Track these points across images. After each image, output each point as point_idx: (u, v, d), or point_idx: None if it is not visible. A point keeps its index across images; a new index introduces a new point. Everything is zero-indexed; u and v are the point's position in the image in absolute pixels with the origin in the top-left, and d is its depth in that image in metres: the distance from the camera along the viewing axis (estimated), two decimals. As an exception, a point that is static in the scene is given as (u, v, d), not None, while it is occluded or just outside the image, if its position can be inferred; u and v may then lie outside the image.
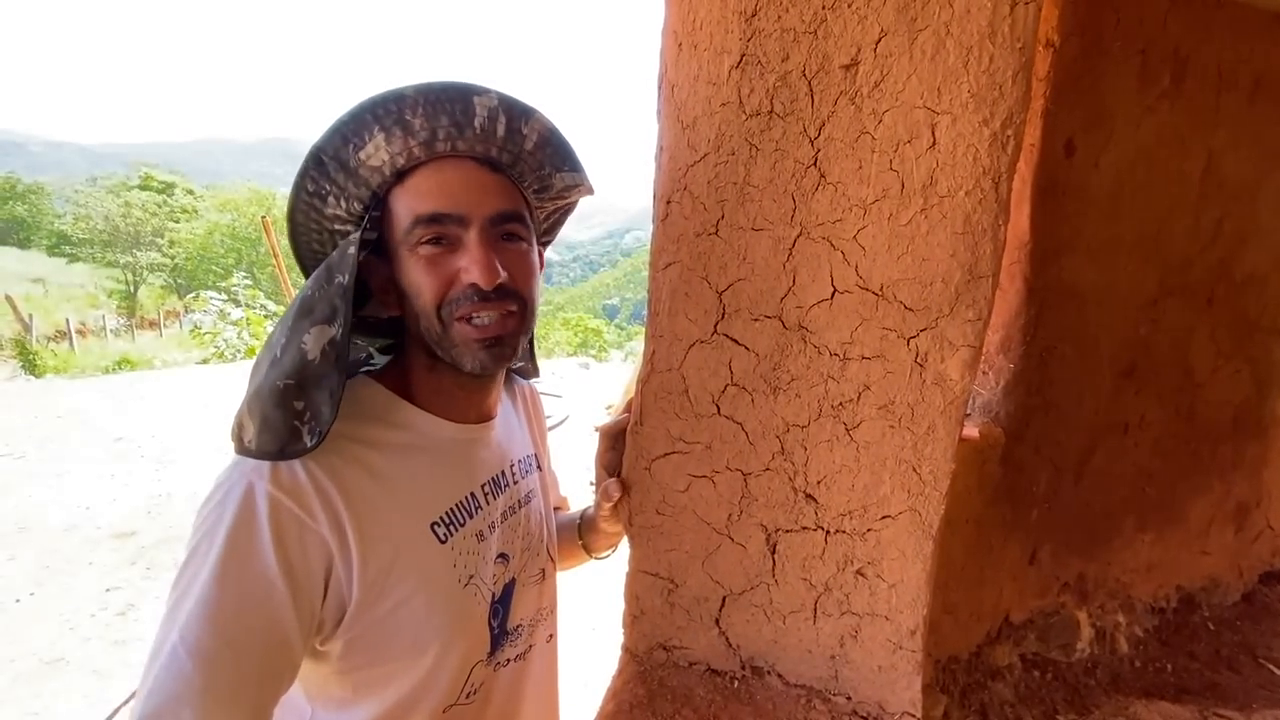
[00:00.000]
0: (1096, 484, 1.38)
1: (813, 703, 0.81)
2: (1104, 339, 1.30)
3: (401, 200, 0.71)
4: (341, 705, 0.74)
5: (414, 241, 0.70)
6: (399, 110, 0.67)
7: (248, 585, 0.61)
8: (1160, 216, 1.29)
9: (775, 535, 0.80)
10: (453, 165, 0.71)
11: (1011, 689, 1.29)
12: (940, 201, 0.67)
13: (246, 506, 0.63)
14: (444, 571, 0.75)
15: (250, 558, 0.62)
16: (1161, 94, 1.21)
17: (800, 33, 0.68)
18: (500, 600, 0.82)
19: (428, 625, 0.73)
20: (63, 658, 2.95)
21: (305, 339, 0.65)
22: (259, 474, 0.64)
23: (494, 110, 0.71)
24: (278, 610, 0.62)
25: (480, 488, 0.81)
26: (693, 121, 0.75)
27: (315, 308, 0.67)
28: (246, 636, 0.60)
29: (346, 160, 0.69)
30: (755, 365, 0.77)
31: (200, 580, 0.60)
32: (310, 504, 0.65)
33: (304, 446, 0.64)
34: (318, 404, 0.65)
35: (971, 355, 0.69)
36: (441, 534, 0.75)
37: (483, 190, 0.72)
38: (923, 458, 0.72)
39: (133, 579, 3.67)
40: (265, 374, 0.66)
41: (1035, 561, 1.35)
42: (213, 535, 0.62)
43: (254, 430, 0.64)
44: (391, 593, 0.70)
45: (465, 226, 0.71)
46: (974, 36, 0.63)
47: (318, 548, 0.65)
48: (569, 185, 0.81)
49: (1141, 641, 1.45)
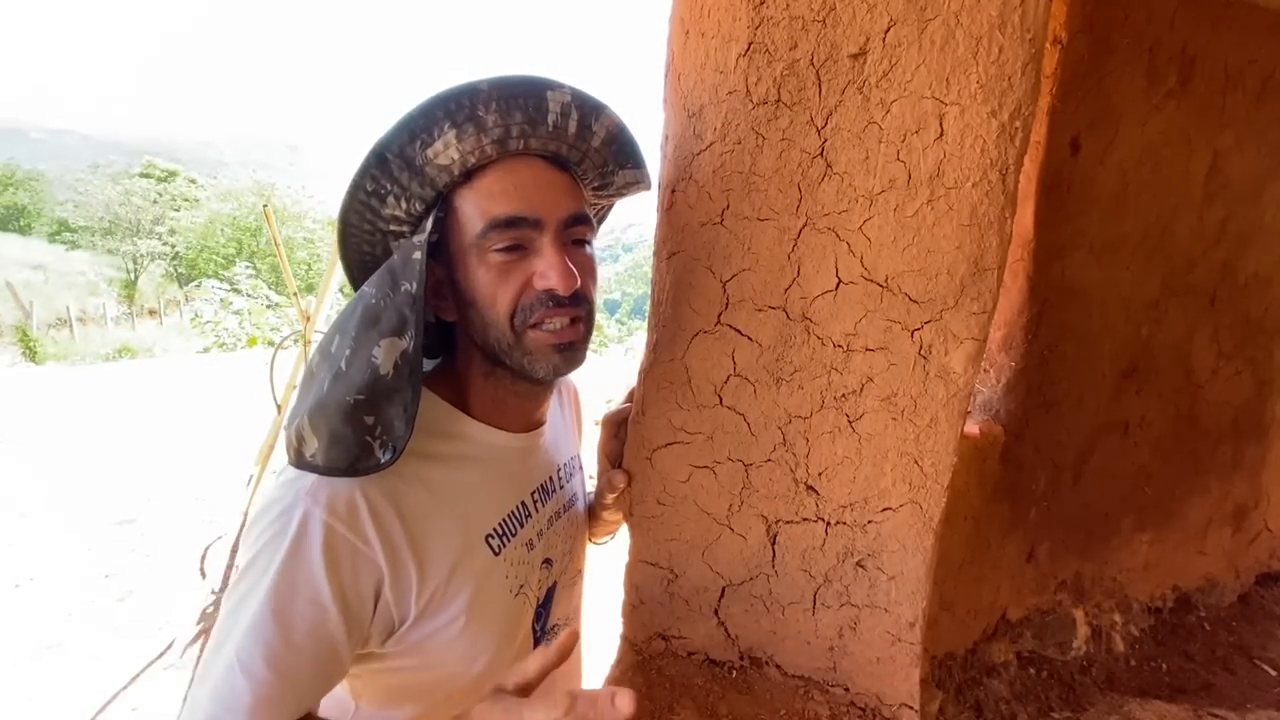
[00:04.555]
0: (1095, 483, 1.38)
1: (811, 693, 0.81)
2: (1106, 338, 1.30)
3: (470, 201, 0.68)
4: (384, 704, 0.75)
5: (488, 247, 0.67)
6: (472, 105, 0.64)
7: (300, 609, 0.62)
8: (1164, 216, 1.28)
9: (776, 526, 0.80)
10: (524, 164, 0.69)
11: (1007, 686, 1.29)
12: (947, 193, 0.67)
13: (302, 533, 0.62)
14: (498, 583, 0.74)
15: (303, 585, 0.62)
16: (1168, 93, 1.21)
17: (809, 21, 0.68)
18: (544, 604, 0.83)
19: (481, 637, 0.72)
20: (60, 643, 2.96)
21: (375, 352, 0.63)
22: (316, 500, 0.63)
23: (567, 106, 0.68)
24: (328, 631, 0.63)
25: (530, 495, 0.81)
26: (699, 110, 0.74)
27: (382, 317, 0.64)
28: (297, 658, 0.62)
29: (413, 158, 0.66)
30: (758, 356, 0.77)
31: (256, 599, 0.61)
32: (365, 531, 0.64)
33: (377, 462, 0.63)
34: (390, 419, 0.63)
35: (976, 348, 0.69)
36: (495, 545, 0.74)
37: (555, 191, 0.70)
38: (925, 450, 0.72)
39: (131, 565, 3.68)
40: (330, 387, 0.64)
41: (1033, 560, 1.35)
42: (269, 555, 0.62)
43: (319, 445, 0.63)
44: (448, 607, 0.70)
45: (540, 230, 0.68)
46: (983, 27, 0.63)
47: (370, 573, 0.65)
48: (629, 182, 0.79)
49: (1137, 641, 1.46)
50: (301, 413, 0.64)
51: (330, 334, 0.68)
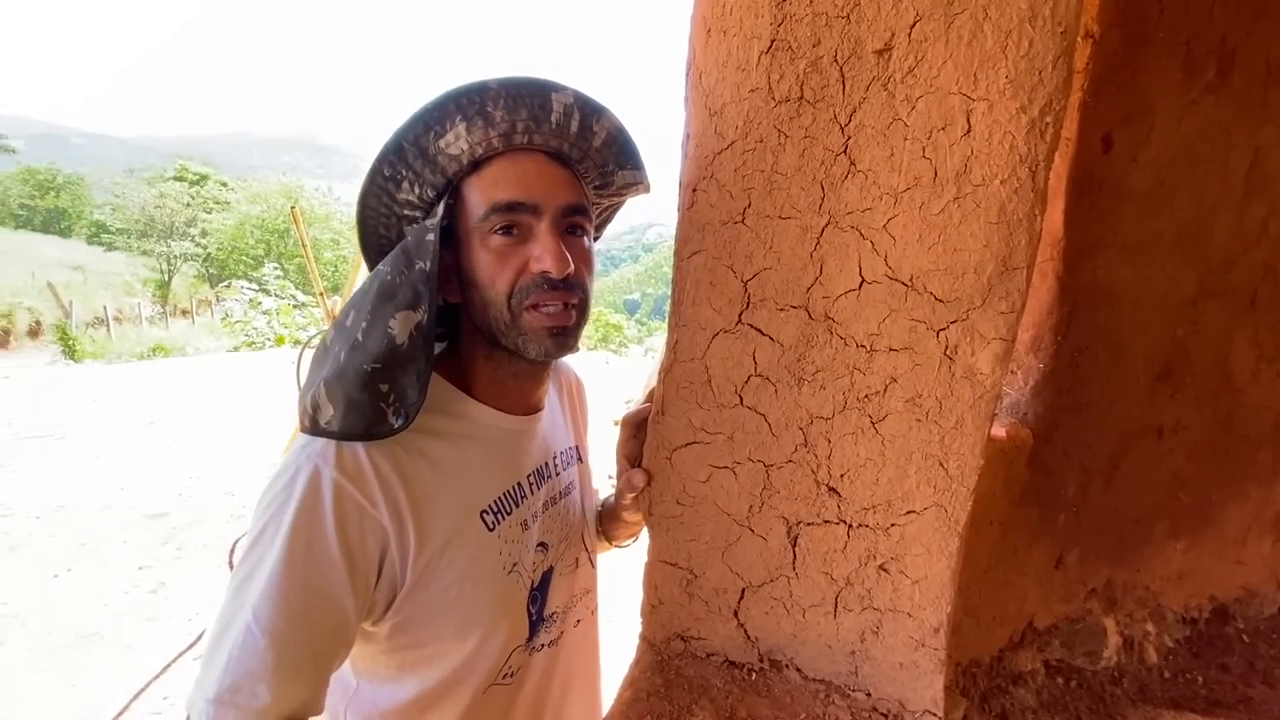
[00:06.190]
0: (1128, 489, 1.34)
1: (832, 698, 0.80)
2: (1139, 340, 1.26)
3: (476, 188, 0.73)
4: (386, 681, 0.77)
5: (488, 229, 0.73)
6: (481, 101, 0.70)
7: (313, 569, 0.65)
8: (1202, 214, 1.24)
9: (796, 528, 0.79)
10: (527, 157, 0.74)
11: (1034, 695, 1.26)
12: (974, 190, 0.65)
13: (312, 491, 0.65)
14: (491, 558, 0.77)
15: (315, 542, 0.65)
16: (1206, 87, 1.17)
17: (832, 17, 0.67)
18: (539, 588, 0.85)
19: (474, 609, 0.75)
20: (97, 632, 3.06)
21: (392, 324, 0.67)
22: (325, 460, 0.67)
23: (569, 107, 0.73)
24: (339, 592, 0.65)
25: (526, 478, 0.84)
26: (721, 108, 0.74)
27: (398, 293, 0.68)
28: (312, 617, 0.64)
29: (426, 147, 0.71)
30: (780, 356, 0.76)
31: (269, 561, 0.63)
32: (372, 492, 0.68)
33: (390, 427, 0.67)
34: (403, 386, 0.67)
35: (1004, 348, 0.67)
36: (490, 522, 0.78)
37: (554, 182, 0.74)
38: (950, 452, 0.71)
39: (164, 558, 3.79)
40: (346, 358, 0.68)
41: (1062, 566, 1.32)
42: (280, 518, 0.65)
43: (335, 412, 0.66)
44: (442, 576, 0.73)
45: (538, 216, 0.73)
46: (1013, 20, 0.61)
47: (376, 534, 0.68)
48: (629, 183, 0.84)
49: (1171, 652, 1.41)
50: (317, 382, 0.68)
51: (346, 310, 0.73)
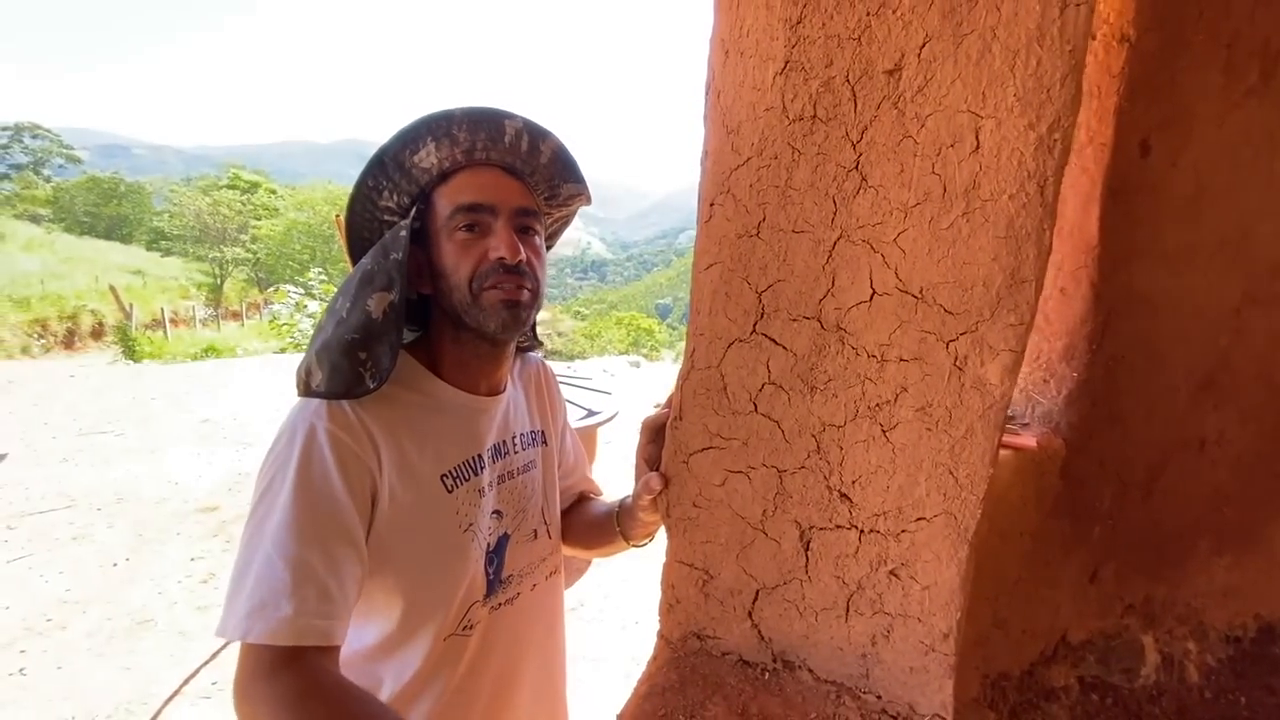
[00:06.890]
0: (1167, 502, 1.30)
1: (843, 699, 0.81)
2: (1179, 349, 1.23)
3: (444, 195, 0.88)
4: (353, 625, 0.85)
5: (454, 226, 0.86)
6: (448, 125, 0.85)
7: (322, 503, 0.75)
8: (1245, 220, 1.21)
9: (809, 532, 0.81)
10: (486, 170, 0.89)
11: (1067, 711, 1.24)
12: (983, 205, 0.67)
13: (312, 441, 0.77)
14: (448, 516, 0.88)
15: (320, 481, 0.76)
16: (1249, 90, 1.14)
17: (844, 39, 0.69)
18: (495, 550, 0.95)
19: (431, 558, 0.86)
20: (152, 619, 3.23)
21: (369, 302, 0.80)
22: (320, 416, 0.79)
23: (520, 131, 0.89)
24: (347, 520, 0.77)
25: (485, 451, 0.95)
26: (737, 126, 0.77)
27: (375, 278, 0.81)
28: (326, 542, 0.74)
29: (403, 162, 0.86)
30: (793, 365, 0.78)
31: (280, 502, 0.74)
32: (361, 441, 0.80)
33: (366, 388, 0.80)
34: (379, 355, 0.80)
35: (1013, 360, 0.68)
36: (449, 484, 0.89)
37: (509, 190, 0.89)
38: (960, 461, 0.72)
39: (214, 550, 3.97)
40: (332, 331, 0.81)
41: (1097, 580, 1.29)
42: (286, 468, 0.76)
43: (323, 376, 0.79)
44: (405, 525, 0.84)
45: (495, 215, 0.87)
46: (1021, 40, 0.63)
47: (365, 475, 0.80)
48: (573, 194, 1.00)
49: (1214, 671, 1.37)
50: (310, 352, 0.82)
51: (335, 295, 0.86)
